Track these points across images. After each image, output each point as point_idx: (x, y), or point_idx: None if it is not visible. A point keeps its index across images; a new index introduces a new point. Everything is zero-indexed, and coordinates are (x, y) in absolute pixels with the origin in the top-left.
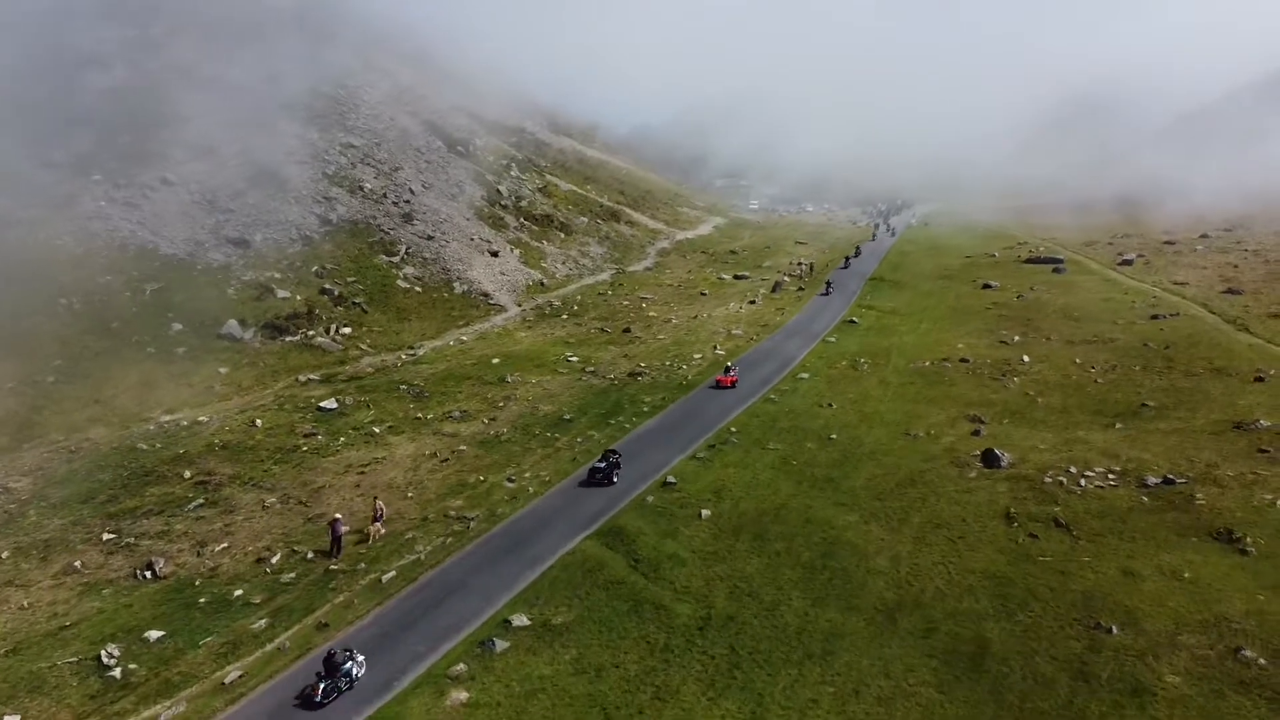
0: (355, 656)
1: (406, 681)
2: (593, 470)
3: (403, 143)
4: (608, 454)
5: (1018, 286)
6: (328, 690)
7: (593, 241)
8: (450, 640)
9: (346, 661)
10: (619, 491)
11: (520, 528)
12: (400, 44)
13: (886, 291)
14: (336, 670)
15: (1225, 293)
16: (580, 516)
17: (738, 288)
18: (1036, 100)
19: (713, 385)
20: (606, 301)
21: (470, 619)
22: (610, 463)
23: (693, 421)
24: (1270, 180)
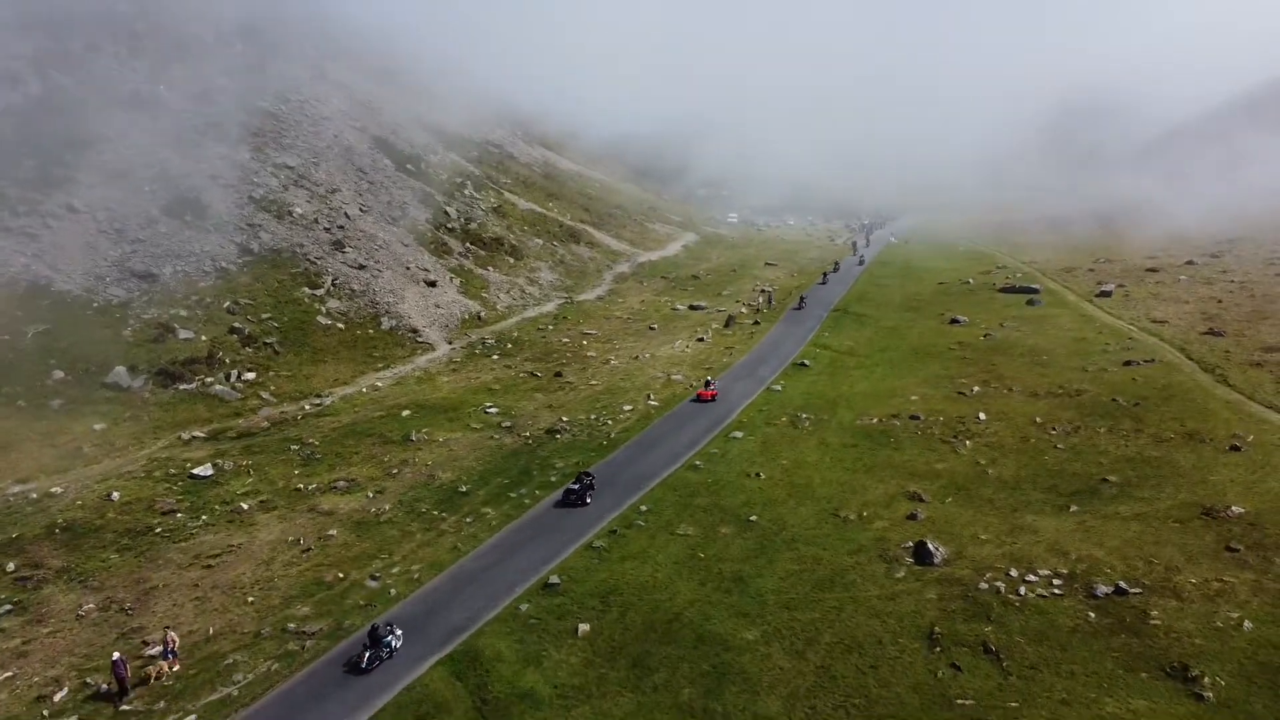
0: (395, 630)
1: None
2: (567, 491)
3: (345, 162)
4: (582, 476)
5: (987, 322)
6: (372, 659)
7: (544, 266)
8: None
9: (388, 635)
10: (495, 592)
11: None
12: (363, 54)
13: (848, 326)
14: (379, 642)
15: (1206, 333)
16: (437, 631)
17: (691, 320)
18: (1021, 114)
19: (694, 400)
20: (545, 338)
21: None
22: (584, 485)
23: (601, 494)
24: (1259, 199)
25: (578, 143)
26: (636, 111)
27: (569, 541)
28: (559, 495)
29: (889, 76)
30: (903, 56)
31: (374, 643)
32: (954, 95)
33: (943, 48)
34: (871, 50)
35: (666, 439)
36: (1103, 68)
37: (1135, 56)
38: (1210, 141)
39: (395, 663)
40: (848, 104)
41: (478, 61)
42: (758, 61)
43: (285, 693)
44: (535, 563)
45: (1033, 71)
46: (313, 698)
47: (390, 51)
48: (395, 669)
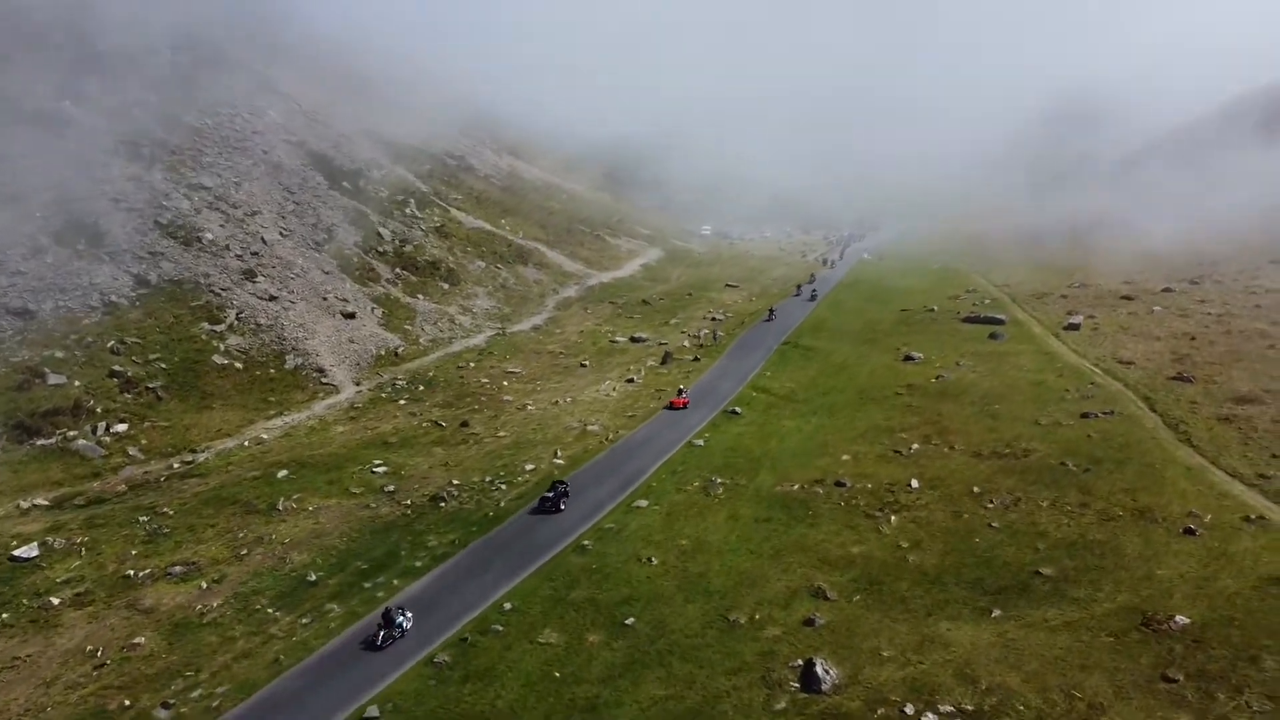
0: (405, 612)
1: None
2: (542, 499)
3: (271, 181)
4: (556, 484)
5: (943, 360)
6: (385, 638)
7: (482, 292)
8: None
9: (399, 616)
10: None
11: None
12: (323, 61)
13: (794, 363)
14: (392, 623)
15: (1175, 378)
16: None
17: (628, 355)
18: (1003, 124)
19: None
20: (463, 378)
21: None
22: (559, 492)
23: (468, 585)
24: (1245, 216)
25: (554, 150)
26: (616, 119)
27: (410, 652)
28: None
29: (871, 86)
30: (885, 66)
31: (387, 624)
32: (936, 105)
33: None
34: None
35: (564, 509)
36: (1085, 76)
37: (1119, 65)
38: (1196, 153)
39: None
40: (830, 113)
41: (451, 67)
42: (741, 71)
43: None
44: (360, 683)
45: (1015, 81)
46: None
47: (354, 58)
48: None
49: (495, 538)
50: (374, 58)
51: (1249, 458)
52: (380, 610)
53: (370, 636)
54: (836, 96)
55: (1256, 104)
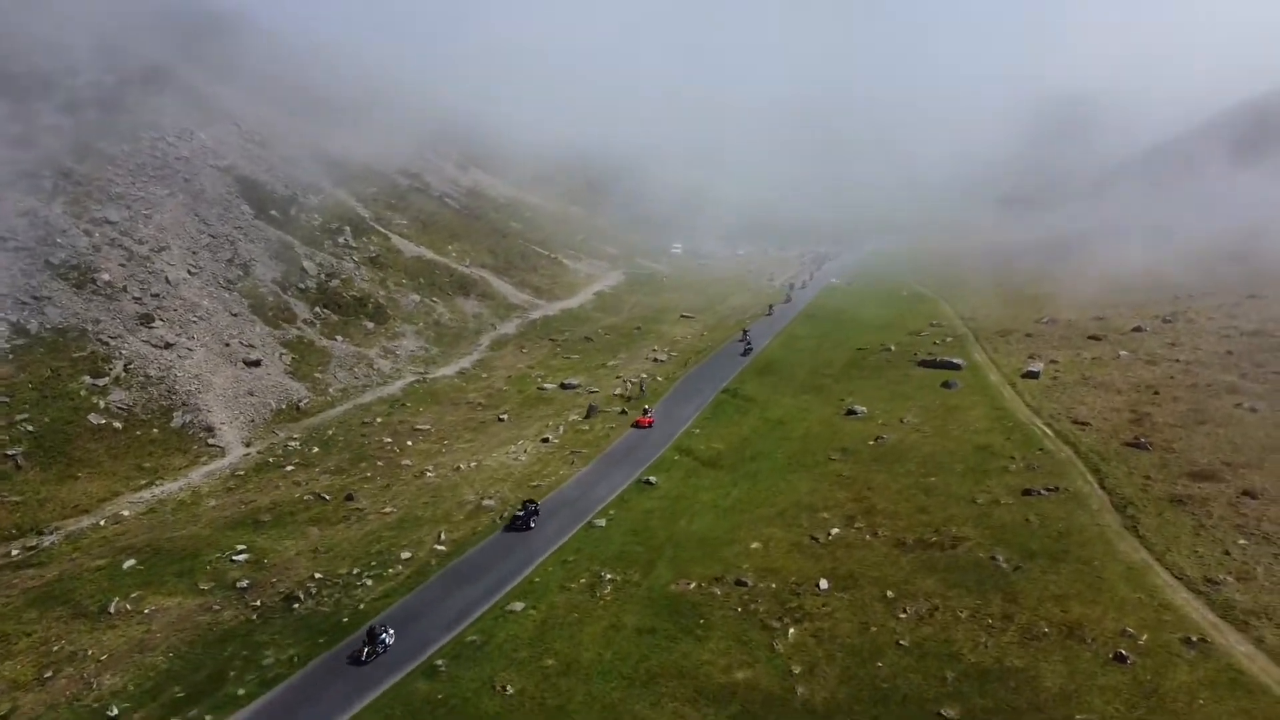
0: (388, 629)
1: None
2: (514, 519)
3: (187, 212)
4: (527, 504)
5: (887, 415)
6: (369, 653)
7: (411, 331)
8: None
9: (382, 633)
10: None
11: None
12: (274, 76)
13: (728, 417)
14: (375, 639)
15: (1131, 444)
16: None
17: (553, 405)
18: (989, 138)
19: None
20: (365, 436)
21: None
22: (529, 510)
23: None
24: (1229, 238)
25: (525, 162)
26: (593, 130)
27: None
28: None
29: (854, 98)
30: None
31: (370, 640)
32: (920, 117)
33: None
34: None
35: (425, 614)
36: (1070, 88)
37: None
38: (1174, 173)
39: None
40: (811, 126)
41: (420, 79)
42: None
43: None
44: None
45: (999, 91)
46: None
47: (314, 73)
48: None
49: (341, 652)
50: (337, 72)
51: (1199, 554)
52: (365, 627)
53: (354, 652)
54: (818, 109)
55: (1232, 123)
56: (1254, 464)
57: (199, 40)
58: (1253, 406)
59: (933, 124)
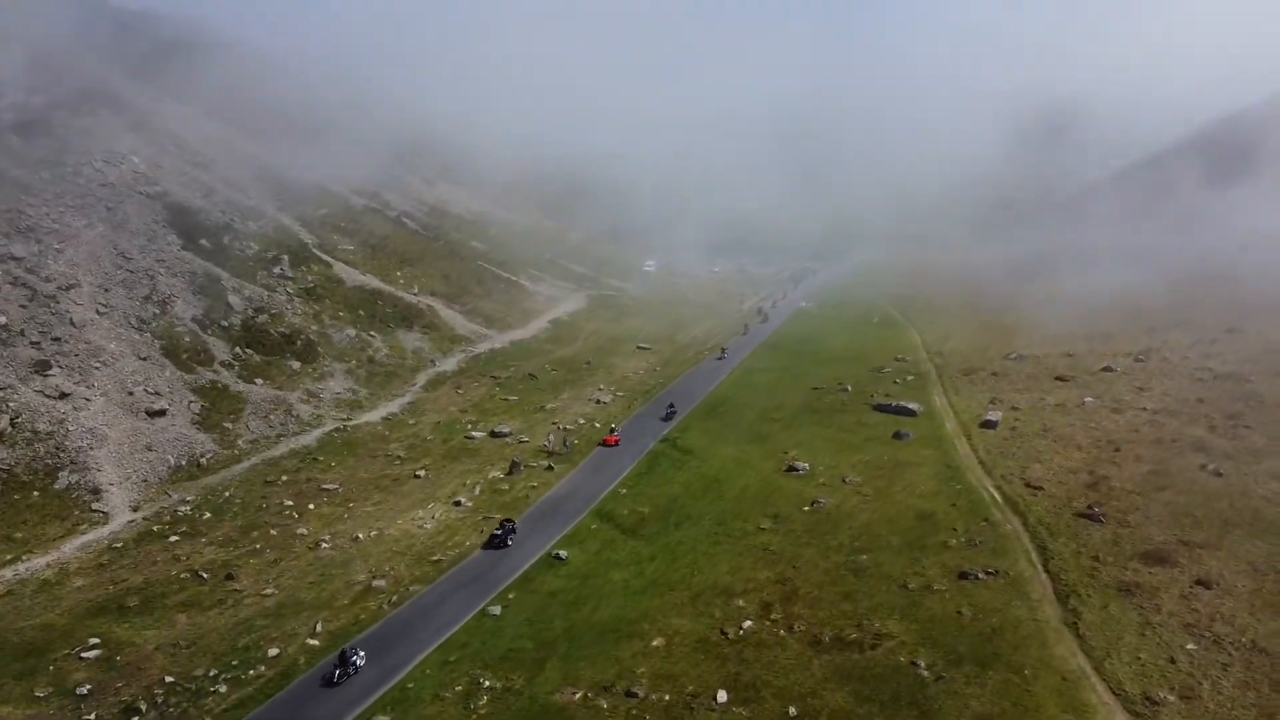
0: (359, 652)
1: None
2: (492, 536)
3: (105, 244)
4: (504, 523)
5: (830, 473)
6: (340, 675)
7: (340, 371)
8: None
9: (354, 656)
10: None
11: None
12: (228, 92)
13: (662, 472)
14: (347, 662)
15: (1083, 515)
16: None
17: (478, 458)
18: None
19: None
20: (265, 498)
21: None
22: (506, 529)
23: None
24: (1211, 261)
25: (497, 175)
26: (572, 141)
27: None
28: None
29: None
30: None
31: (342, 663)
32: (908, 125)
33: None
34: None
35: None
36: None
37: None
38: (1155, 191)
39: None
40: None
41: (388, 91)
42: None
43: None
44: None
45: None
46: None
47: (273, 88)
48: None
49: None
50: (302, 86)
51: (1141, 661)
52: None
53: (326, 674)
54: (802, 120)
55: (1214, 137)
56: (1212, 543)
57: (154, 57)
58: (1218, 469)
59: (918, 135)
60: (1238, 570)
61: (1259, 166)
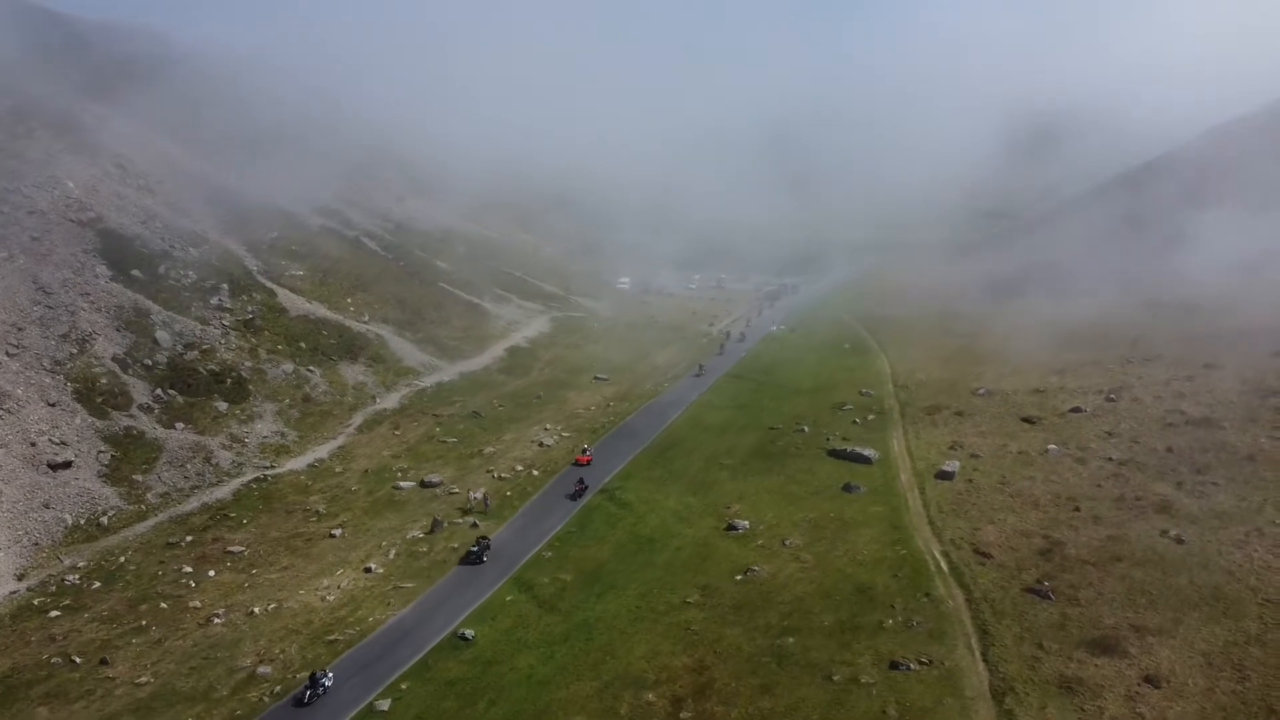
0: (328, 674)
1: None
2: (469, 553)
3: (24, 278)
4: (480, 540)
5: (771, 532)
6: (310, 697)
7: (271, 411)
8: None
9: (323, 678)
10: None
11: None
12: (186, 109)
13: (594, 531)
14: (316, 684)
15: (1032, 589)
16: None
17: (400, 515)
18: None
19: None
20: (165, 563)
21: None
22: (482, 545)
23: None
24: (1192, 285)
25: (472, 188)
26: (552, 152)
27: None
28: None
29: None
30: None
31: (312, 684)
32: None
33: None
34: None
35: None
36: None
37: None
38: (1141, 205)
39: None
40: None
41: (365, 103)
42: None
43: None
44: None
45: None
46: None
47: (242, 102)
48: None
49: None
50: (266, 100)
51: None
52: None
53: (297, 695)
54: (788, 129)
55: (1198, 155)
56: (1166, 629)
57: (107, 72)
58: (1180, 536)
59: (906, 145)
60: (1191, 664)
61: (1247, 184)
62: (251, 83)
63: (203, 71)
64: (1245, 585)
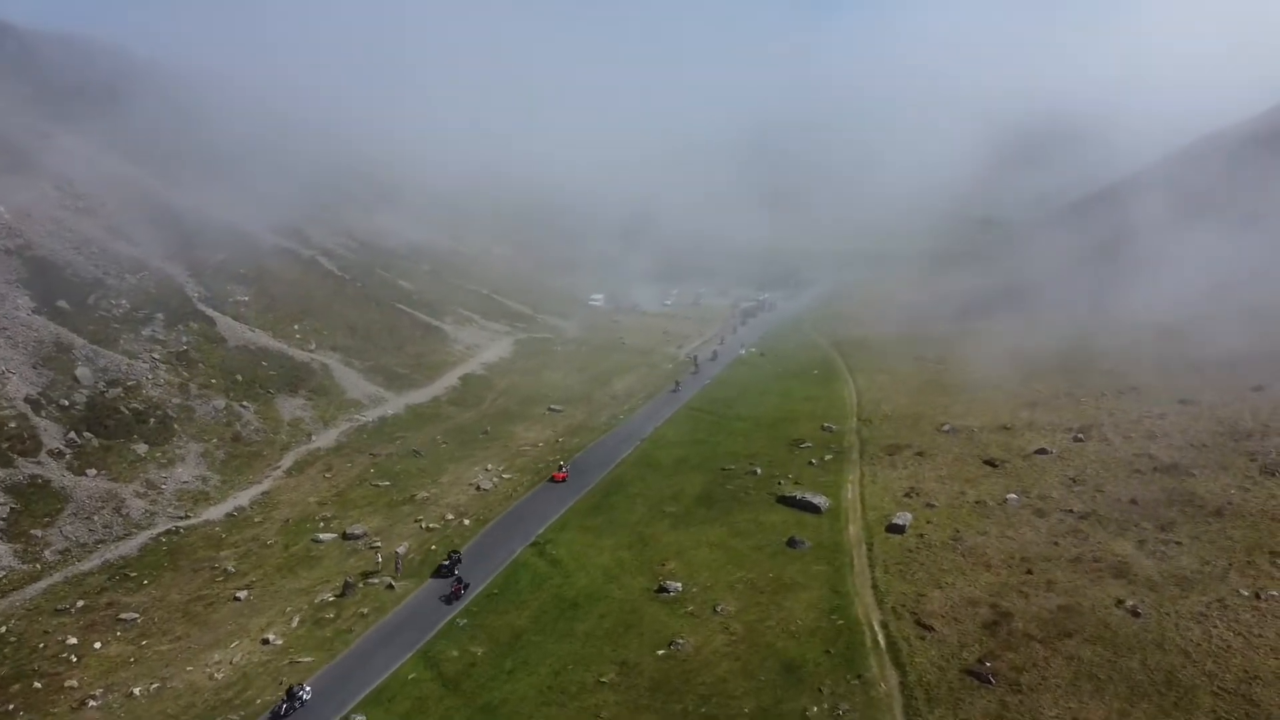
0: (305, 688)
1: None
2: (439, 567)
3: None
4: (451, 554)
5: (705, 594)
6: (288, 710)
7: (195, 453)
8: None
9: (300, 691)
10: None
11: None
12: (144, 127)
13: (517, 592)
14: (294, 697)
15: (971, 671)
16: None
17: (314, 574)
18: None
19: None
20: (49, 633)
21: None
22: (453, 559)
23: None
24: (1173, 309)
25: (449, 201)
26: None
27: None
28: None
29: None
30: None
31: (289, 698)
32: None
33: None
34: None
35: None
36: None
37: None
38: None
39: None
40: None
41: (332, 114)
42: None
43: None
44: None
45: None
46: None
47: (205, 116)
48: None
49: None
50: (223, 112)
51: None
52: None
53: (275, 709)
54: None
55: (1169, 174)
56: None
57: (57, 87)
58: (1136, 607)
59: (891, 152)
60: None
61: (1232, 200)
62: (214, 99)
63: (163, 88)
64: (1201, 670)
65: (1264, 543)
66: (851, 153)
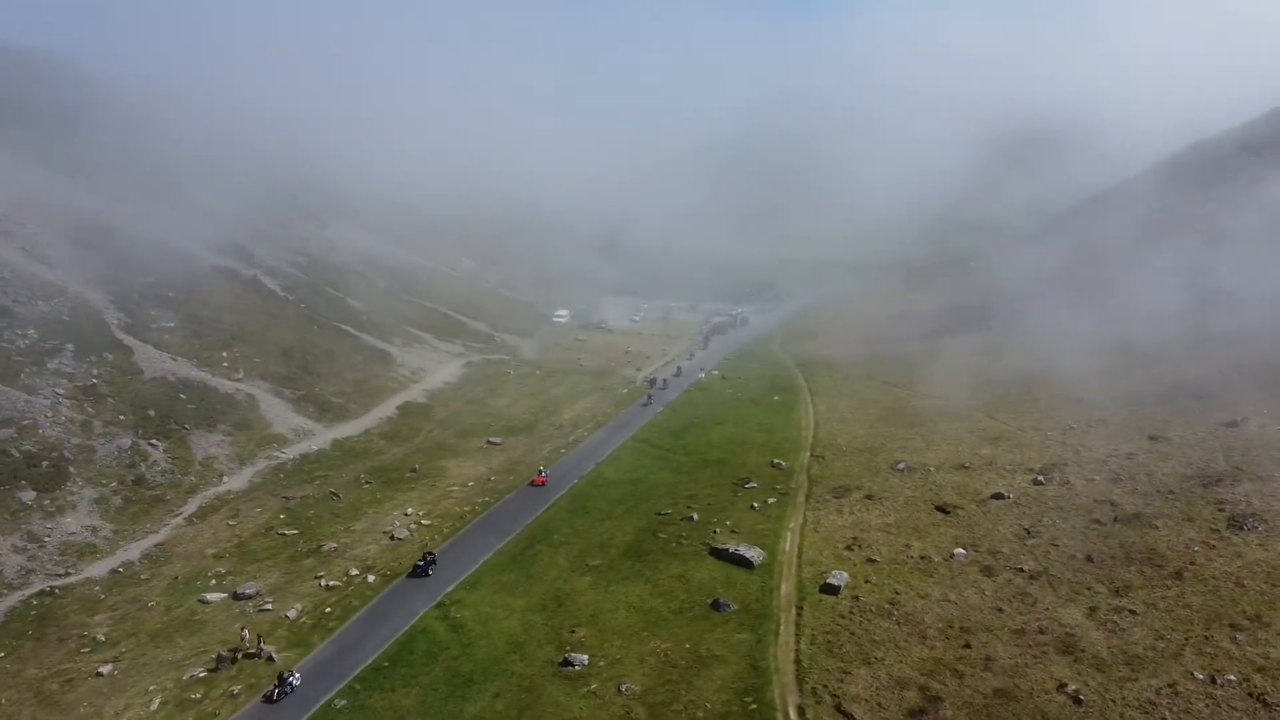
0: (295, 673)
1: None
2: (416, 567)
3: None
4: (426, 554)
5: (610, 670)
6: (279, 694)
7: (88, 499)
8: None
9: (290, 677)
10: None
11: None
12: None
13: (405, 669)
14: (284, 683)
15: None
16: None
17: (192, 642)
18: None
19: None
20: None
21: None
22: (428, 560)
23: None
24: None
25: (415, 214)
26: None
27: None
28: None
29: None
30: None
31: (280, 683)
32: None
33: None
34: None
35: None
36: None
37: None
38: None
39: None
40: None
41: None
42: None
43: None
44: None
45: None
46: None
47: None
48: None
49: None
50: (167, 122)
51: None
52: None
53: (266, 693)
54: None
55: (1147, 190)
56: None
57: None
58: (1078, 693)
59: (873, 163)
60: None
61: (1213, 215)
62: (164, 116)
63: (109, 104)
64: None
65: (1224, 613)
66: (832, 163)
